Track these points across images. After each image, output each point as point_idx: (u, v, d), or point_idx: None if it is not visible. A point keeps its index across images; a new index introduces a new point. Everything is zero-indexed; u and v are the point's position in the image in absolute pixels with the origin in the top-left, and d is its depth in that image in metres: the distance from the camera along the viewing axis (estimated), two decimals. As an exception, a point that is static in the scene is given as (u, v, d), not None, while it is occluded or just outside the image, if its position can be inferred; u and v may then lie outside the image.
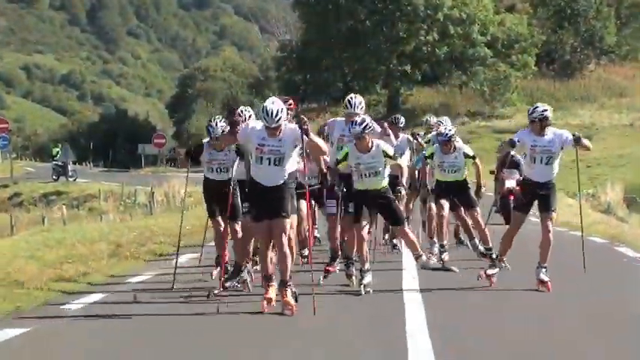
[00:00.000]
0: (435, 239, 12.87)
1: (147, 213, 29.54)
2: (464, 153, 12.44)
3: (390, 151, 10.55)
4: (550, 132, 10.60)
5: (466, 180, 12.60)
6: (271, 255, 9.53)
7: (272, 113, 8.94)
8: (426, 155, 12.78)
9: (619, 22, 71.55)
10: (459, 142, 12.55)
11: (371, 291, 10.43)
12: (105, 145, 71.54)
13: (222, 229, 11.04)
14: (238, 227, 10.85)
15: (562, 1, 68.73)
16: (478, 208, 12.49)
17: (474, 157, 12.50)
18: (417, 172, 13.68)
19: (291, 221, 9.52)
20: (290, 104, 10.57)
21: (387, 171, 10.59)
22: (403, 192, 11.50)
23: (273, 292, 9.32)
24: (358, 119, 10.33)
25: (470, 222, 12.81)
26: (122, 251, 14.91)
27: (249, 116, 10.54)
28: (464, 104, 64.03)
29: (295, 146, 9.23)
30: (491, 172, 22.25)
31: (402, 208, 13.13)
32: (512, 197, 20.74)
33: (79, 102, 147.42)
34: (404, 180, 11.36)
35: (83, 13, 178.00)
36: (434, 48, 64.00)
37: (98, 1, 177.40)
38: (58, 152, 50.42)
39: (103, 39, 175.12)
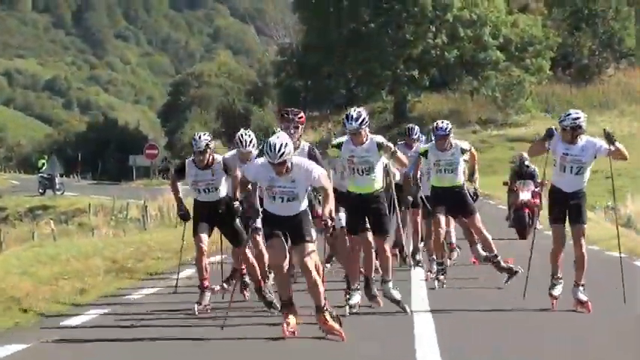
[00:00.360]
0: (434, 256, 13.06)
1: (140, 228, 29.87)
2: (461, 149, 12.69)
3: (385, 142, 10.62)
4: (583, 140, 10.62)
5: (463, 185, 12.80)
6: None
7: (275, 148, 8.86)
8: (420, 152, 12.98)
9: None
10: (455, 139, 12.87)
11: (356, 311, 10.45)
12: (93, 156, 71.71)
13: (204, 246, 10.83)
14: (248, 251, 10.89)
15: (579, 1, 69.04)
16: (478, 215, 12.67)
17: (469, 150, 12.84)
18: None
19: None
20: (301, 117, 10.63)
21: (381, 170, 10.71)
22: (395, 148, 11.40)
23: (293, 319, 9.34)
24: (354, 114, 10.52)
25: (472, 230, 13.03)
26: (119, 267, 15.28)
27: (250, 141, 10.73)
28: (475, 111, 64.26)
29: (309, 184, 9.34)
30: (505, 184, 22.46)
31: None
32: (526, 210, 21.02)
33: (65, 110, 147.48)
34: (399, 154, 11.18)
35: (68, 14, 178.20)
36: (443, 51, 64.22)
37: (85, 2, 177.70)
38: (44, 164, 50.77)
39: (90, 42, 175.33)
